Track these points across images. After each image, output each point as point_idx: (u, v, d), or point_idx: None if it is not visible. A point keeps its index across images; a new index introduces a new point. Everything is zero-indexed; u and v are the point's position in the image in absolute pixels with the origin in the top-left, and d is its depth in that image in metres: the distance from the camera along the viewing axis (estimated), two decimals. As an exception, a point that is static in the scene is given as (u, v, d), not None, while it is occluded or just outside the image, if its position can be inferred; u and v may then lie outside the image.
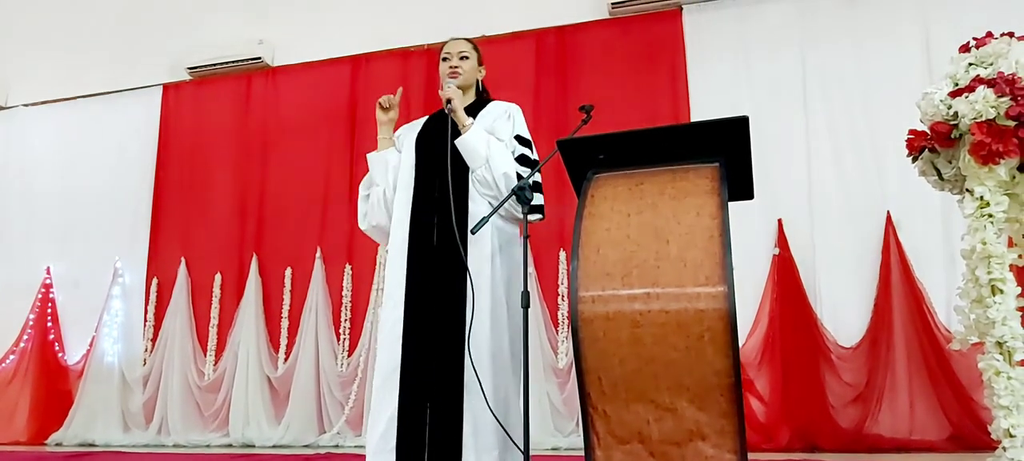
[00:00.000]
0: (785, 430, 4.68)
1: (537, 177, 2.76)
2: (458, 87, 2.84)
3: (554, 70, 5.69)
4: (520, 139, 2.81)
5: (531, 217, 2.76)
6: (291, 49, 6.46)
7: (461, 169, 2.72)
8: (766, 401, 4.79)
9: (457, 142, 2.72)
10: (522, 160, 2.75)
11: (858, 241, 4.87)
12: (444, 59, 2.92)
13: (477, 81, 2.97)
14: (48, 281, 6.65)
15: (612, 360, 1.99)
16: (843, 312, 4.83)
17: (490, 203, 2.66)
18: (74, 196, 6.75)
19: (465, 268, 2.60)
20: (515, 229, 2.84)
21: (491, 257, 2.68)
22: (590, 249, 2.09)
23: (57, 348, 6.52)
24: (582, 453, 2.08)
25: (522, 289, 2.35)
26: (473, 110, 2.84)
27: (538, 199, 2.75)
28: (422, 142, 2.88)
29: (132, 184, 6.60)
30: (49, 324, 6.56)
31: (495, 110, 2.87)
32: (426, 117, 3.01)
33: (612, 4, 5.56)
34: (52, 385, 6.41)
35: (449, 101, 2.73)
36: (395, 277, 2.74)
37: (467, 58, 2.91)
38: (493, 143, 2.73)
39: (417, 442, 2.55)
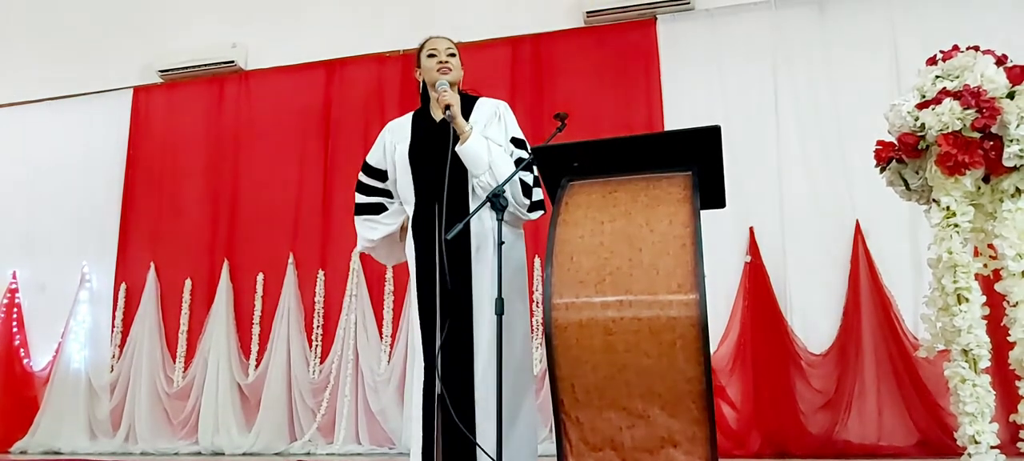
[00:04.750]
0: (756, 436, 4.72)
1: (536, 173, 2.76)
2: (450, 83, 2.82)
3: (530, 78, 5.71)
4: (516, 141, 2.81)
5: (533, 214, 2.78)
6: (265, 53, 6.41)
7: (459, 179, 2.70)
8: (737, 407, 4.82)
9: (458, 149, 2.67)
10: (520, 163, 2.73)
11: (828, 249, 4.93)
12: (431, 55, 2.85)
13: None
14: (14, 286, 6.51)
15: (585, 367, 2.00)
16: (813, 319, 4.88)
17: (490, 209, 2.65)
18: (42, 199, 6.63)
19: (467, 286, 2.63)
20: (518, 230, 2.85)
21: (494, 267, 2.66)
22: (564, 257, 2.10)
23: (22, 354, 6.38)
24: (555, 460, 2.08)
25: (496, 296, 2.35)
26: (461, 110, 2.82)
27: (537, 195, 2.80)
28: (416, 155, 2.82)
29: (101, 188, 6.50)
30: (15, 329, 6.42)
31: (485, 110, 2.84)
32: (409, 119, 2.95)
33: (587, 13, 5.59)
34: (17, 392, 6.27)
35: (448, 107, 2.68)
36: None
37: (454, 56, 2.87)
38: (493, 148, 2.70)
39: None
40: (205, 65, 6.38)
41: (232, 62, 6.33)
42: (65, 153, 6.66)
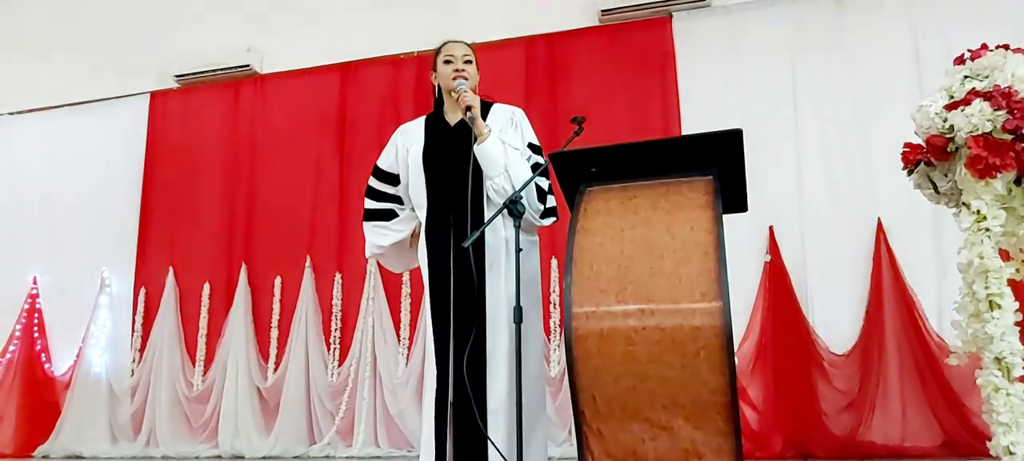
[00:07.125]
0: (778, 438, 4.67)
1: (549, 179, 2.76)
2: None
3: (544, 78, 5.67)
4: (532, 147, 2.79)
5: (545, 221, 2.76)
6: (280, 57, 6.41)
7: (479, 184, 2.68)
8: (759, 409, 4.77)
9: (476, 149, 2.65)
10: (537, 168, 2.71)
11: (849, 248, 4.86)
12: (447, 61, 2.82)
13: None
14: (34, 291, 6.56)
15: (606, 378, 1.97)
16: (835, 319, 4.81)
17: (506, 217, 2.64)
18: (60, 205, 6.67)
19: (481, 294, 2.61)
20: (533, 237, 2.82)
21: (509, 274, 2.64)
22: (583, 265, 2.07)
23: (44, 359, 6.43)
24: (576, 469, 2.06)
25: (515, 304, 2.32)
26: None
27: (550, 201, 2.79)
28: (430, 159, 2.79)
29: (119, 193, 6.52)
30: (35, 335, 6.47)
31: (500, 116, 2.81)
32: (422, 123, 2.93)
33: (602, 11, 5.54)
34: (39, 396, 6.32)
35: (469, 108, 2.65)
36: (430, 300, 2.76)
37: (471, 62, 2.84)
38: (509, 151, 2.68)
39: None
40: (221, 70, 6.39)
41: (247, 66, 6.34)
42: (83, 159, 6.69)
